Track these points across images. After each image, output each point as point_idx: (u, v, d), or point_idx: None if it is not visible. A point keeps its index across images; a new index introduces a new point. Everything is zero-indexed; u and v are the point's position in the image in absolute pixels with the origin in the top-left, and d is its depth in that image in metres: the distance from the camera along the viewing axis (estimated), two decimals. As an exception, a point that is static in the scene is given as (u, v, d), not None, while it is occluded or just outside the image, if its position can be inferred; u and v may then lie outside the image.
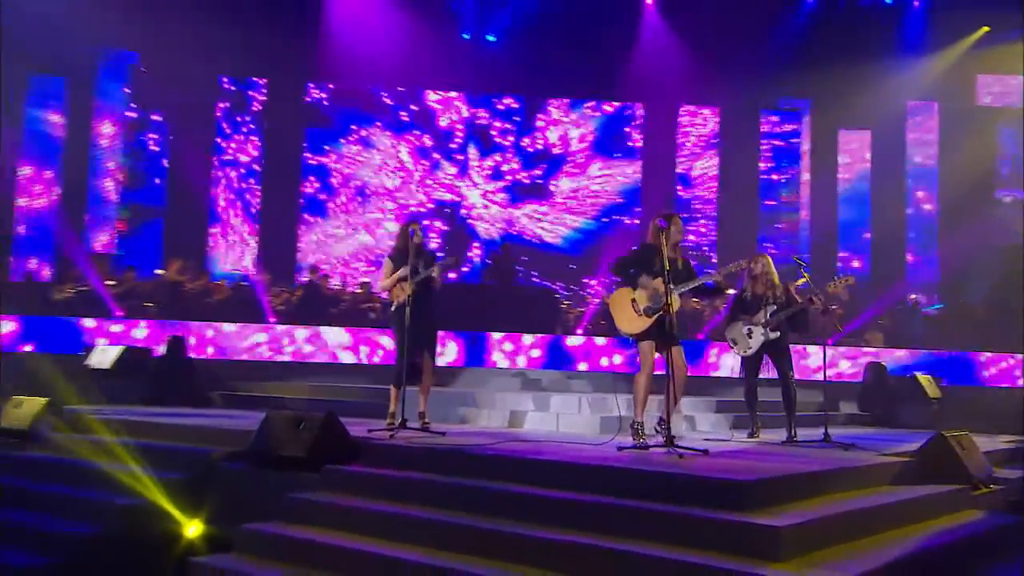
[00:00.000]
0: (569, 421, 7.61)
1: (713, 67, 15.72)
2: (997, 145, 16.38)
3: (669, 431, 5.69)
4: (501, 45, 16.91)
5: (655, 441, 5.82)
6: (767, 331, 7.09)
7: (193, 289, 13.40)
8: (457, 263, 15.16)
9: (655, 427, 6.10)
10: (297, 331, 12.14)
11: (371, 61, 15.90)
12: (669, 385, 5.81)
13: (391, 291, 6.88)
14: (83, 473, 6.09)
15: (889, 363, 11.40)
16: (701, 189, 17.54)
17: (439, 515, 4.76)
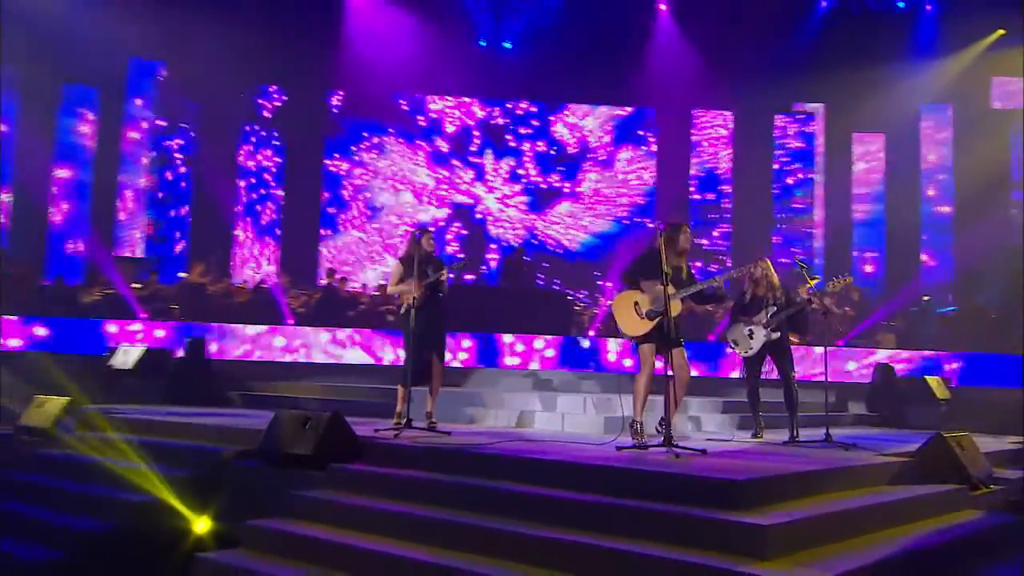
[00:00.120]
0: (575, 421, 7.67)
1: (727, 71, 15.77)
2: (1010, 147, 16.20)
3: (668, 431, 5.77)
4: (517, 52, 17.04)
5: (655, 441, 5.88)
6: (768, 331, 7.16)
7: (215, 292, 13.66)
8: (467, 267, 15.27)
9: (656, 427, 6.18)
10: (321, 334, 12.21)
11: (390, 69, 16.11)
12: (669, 387, 5.88)
13: (401, 294, 7.03)
14: (98, 471, 6.25)
15: (901, 365, 11.32)
16: (715, 192, 17.52)
17: (441, 513, 4.83)
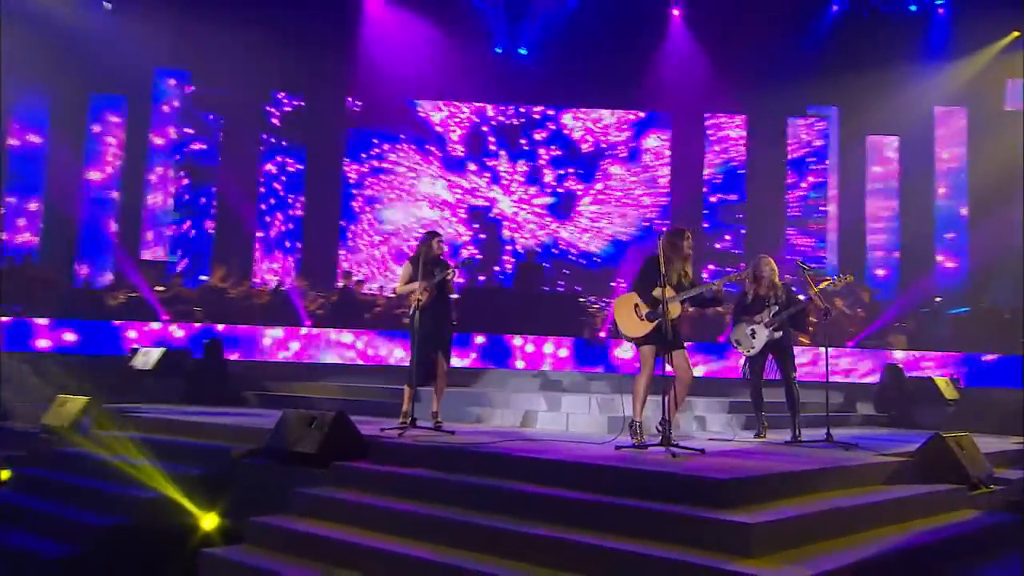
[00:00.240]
0: (579, 421, 7.76)
1: (739, 75, 15.78)
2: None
3: (668, 431, 5.85)
4: (533, 58, 17.15)
5: (655, 441, 5.95)
6: (771, 331, 7.20)
7: (235, 295, 13.89)
8: (470, 264, 15.47)
9: (656, 427, 6.26)
10: (340, 335, 12.36)
11: (406, 76, 16.34)
12: (669, 387, 5.97)
13: (408, 295, 7.17)
14: (112, 468, 6.41)
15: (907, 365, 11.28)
16: (729, 195, 17.48)
17: (443, 511, 4.91)
